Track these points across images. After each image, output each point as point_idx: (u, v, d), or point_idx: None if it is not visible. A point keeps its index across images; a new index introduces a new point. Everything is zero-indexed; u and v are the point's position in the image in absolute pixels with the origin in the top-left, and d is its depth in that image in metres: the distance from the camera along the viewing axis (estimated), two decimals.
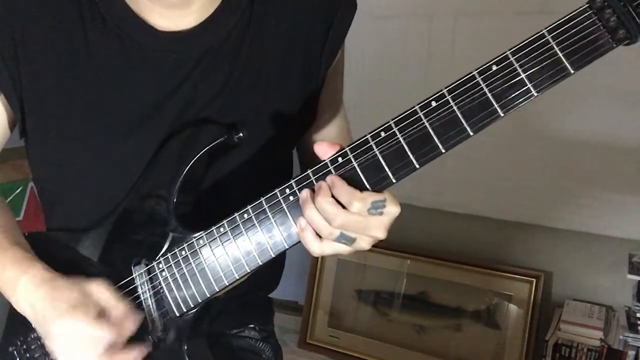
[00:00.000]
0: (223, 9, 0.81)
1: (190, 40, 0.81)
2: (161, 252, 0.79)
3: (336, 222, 0.67)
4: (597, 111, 2.03)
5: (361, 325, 2.49)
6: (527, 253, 2.30)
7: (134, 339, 0.76)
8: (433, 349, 2.35)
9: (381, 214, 0.68)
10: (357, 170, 0.68)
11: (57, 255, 0.82)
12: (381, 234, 0.69)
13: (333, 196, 0.68)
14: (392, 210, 0.68)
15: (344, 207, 0.68)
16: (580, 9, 0.60)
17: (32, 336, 0.84)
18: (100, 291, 0.75)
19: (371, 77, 2.34)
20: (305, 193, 0.70)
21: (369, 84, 2.35)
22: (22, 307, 0.77)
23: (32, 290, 0.75)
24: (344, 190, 0.67)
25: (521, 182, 2.22)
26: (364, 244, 0.71)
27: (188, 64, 0.81)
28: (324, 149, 0.70)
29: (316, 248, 0.71)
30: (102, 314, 0.74)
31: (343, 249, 0.71)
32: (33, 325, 0.80)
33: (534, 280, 2.23)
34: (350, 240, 0.69)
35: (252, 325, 1.00)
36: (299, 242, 0.72)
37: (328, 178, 0.69)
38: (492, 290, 2.30)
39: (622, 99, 1.98)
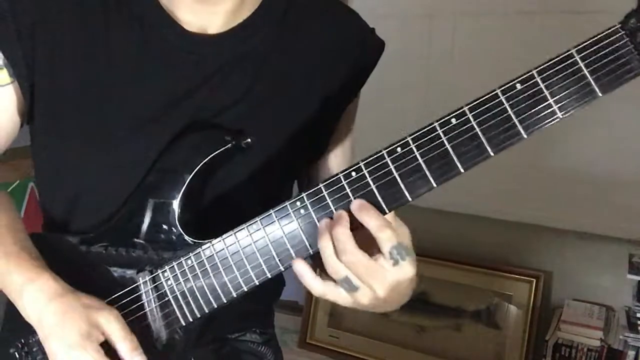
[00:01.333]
0: (255, 19, 0.80)
1: (216, 44, 0.80)
2: (166, 261, 0.78)
3: (346, 256, 0.65)
4: (598, 111, 2.03)
5: (361, 325, 2.49)
6: (527, 253, 2.30)
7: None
8: (433, 349, 2.35)
9: (396, 262, 0.65)
10: (371, 186, 0.67)
11: (58, 257, 0.80)
12: (382, 290, 0.67)
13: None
14: (407, 268, 0.66)
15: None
16: (611, 30, 0.57)
17: (34, 339, 0.81)
18: (110, 323, 0.72)
19: (371, 77, 2.33)
20: (324, 222, 0.68)
21: (369, 84, 2.34)
22: (29, 314, 0.75)
23: (41, 301, 0.73)
24: (375, 213, 0.66)
25: (521, 182, 2.22)
26: (364, 298, 0.68)
27: (209, 67, 0.80)
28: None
29: (318, 286, 0.69)
30: (108, 347, 0.72)
31: (343, 296, 0.69)
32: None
33: (534, 280, 2.23)
34: (352, 288, 0.67)
35: (253, 329, 0.99)
36: (308, 256, 0.71)
37: (355, 202, 0.67)
38: (492, 290, 2.30)
39: (624, 100, 1.98)
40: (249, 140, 0.77)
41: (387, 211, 0.67)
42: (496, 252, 2.34)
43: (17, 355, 0.83)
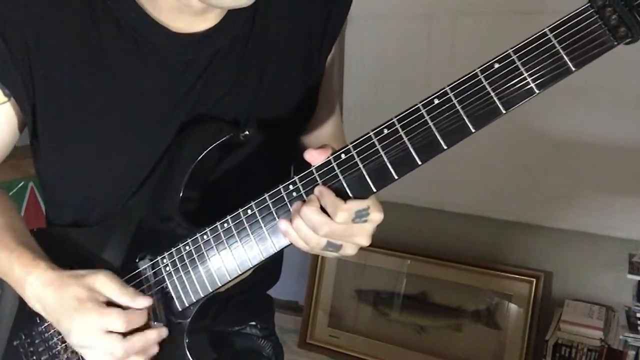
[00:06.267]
0: (231, 11, 0.82)
1: (204, 42, 0.82)
2: (165, 248, 0.80)
3: (322, 231, 0.70)
4: (597, 111, 2.04)
5: (361, 325, 2.50)
6: (527, 253, 2.30)
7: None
8: (433, 349, 2.35)
9: (365, 221, 0.70)
10: (359, 166, 0.69)
11: (63, 250, 0.84)
12: (365, 241, 0.72)
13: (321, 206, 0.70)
14: (375, 217, 0.71)
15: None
16: (582, 8, 0.60)
17: (37, 330, 0.85)
18: (104, 283, 0.75)
19: (371, 77, 2.35)
20: (297, 205, 0.72)
21: (369, 84, 2.36)
22: (34, 304, 0.78)
23: (40, 290, 0.77)
24: (329, 201, 0.69)
25: (521, 182, 2.23)
26: (350, 250, 0.73)
27: (200, 64, 0.82)
28: (314, 156, 0.72)
29: (306, 249, 0.74)
30: (110, 304, 0.75)
31: (330, 254, 0.74)
32: (43, 320, 0.81)
33: (534, 280, 2.23)
34: (336, 248, 0.72)
35: (253, 323, 1.01)
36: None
37: (316, 189, 0.71)
38: (492, 290, 2.30)
39: (623, 99, 1.99)
40: (247, 132, 0.80)
41: (374, 190, 0.70)
42: (496, 252, 2.34)
43: (20, 347, 0.85)
